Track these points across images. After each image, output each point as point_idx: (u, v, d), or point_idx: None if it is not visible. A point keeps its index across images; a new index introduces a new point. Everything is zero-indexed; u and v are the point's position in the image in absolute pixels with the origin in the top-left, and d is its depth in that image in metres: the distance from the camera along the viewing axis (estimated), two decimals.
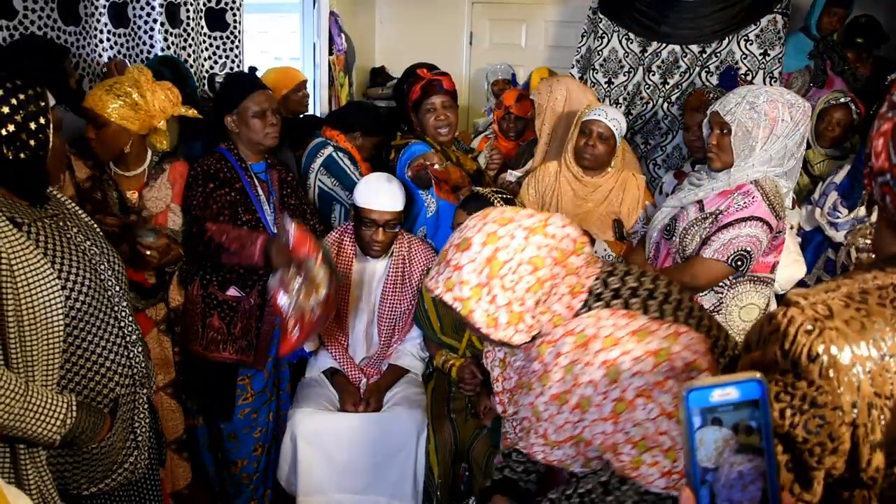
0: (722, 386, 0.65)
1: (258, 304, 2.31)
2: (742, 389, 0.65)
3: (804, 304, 0.77)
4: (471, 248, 1.23)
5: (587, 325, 1.18)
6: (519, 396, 1.30)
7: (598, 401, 1.15)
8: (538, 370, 1.23)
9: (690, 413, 0.64)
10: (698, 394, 0.64)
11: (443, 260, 1.28)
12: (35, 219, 1.46)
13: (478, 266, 1.22)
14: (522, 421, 1.29)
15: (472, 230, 1.26)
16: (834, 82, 3.88)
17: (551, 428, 1.22)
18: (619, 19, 3.89)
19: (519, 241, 1.23)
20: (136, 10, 2.79)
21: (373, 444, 2.33)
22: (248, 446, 2.45)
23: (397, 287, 2.51)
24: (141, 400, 1.65)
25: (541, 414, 1.23)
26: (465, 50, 5.62)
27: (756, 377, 0.65)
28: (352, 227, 2.52)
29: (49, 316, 1.40)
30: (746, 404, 0.65)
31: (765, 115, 1.92)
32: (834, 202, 2.89)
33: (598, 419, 1.16)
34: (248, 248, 2.12)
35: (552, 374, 1.19)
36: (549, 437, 1.23)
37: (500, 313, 1.21)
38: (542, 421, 1.23)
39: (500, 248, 1.22)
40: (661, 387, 1.10)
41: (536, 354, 1.24)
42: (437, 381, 2.52)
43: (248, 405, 2.41)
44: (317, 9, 4.24)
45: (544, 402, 1.21)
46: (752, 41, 3.73)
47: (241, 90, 2.30)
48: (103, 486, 1.58)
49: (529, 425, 1.27)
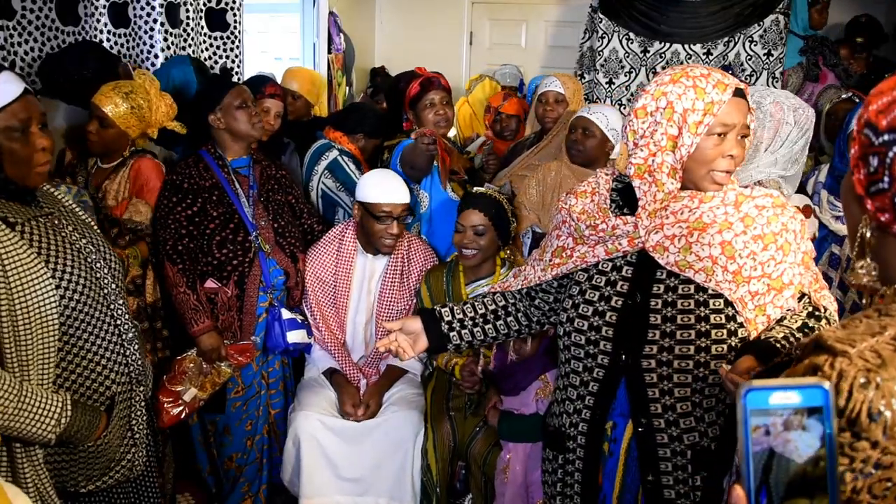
0: (783, 389, 0.62)
1: (236, 295, 2.35)
2: (805, 395, 0.61)
3: (852, 353, 0.69)
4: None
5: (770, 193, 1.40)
6: (694, 238, 1.37)
7: (794, 248, 1.37)
8: (733, 214, 1.36)
9: (747, 413, 0.62)
10: (757, 394, 0.62)
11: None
12: (29, 218, 1.45)
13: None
14: (702, 261, 1.37)
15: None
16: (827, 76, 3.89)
17: (750, 263, 1.34)
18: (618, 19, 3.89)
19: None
20: (136, 10, 2.78)
21: (371, 445, 2.33)
22: (241, 439, 2.46)
23: (396, 286, 2.51)
24: (138, 398, 1.65)
25: (738, 251, 1.34)
26: (465, 50, 5.62)
27: (822, 384, 0.62)
28: (353, 225, 2.51)
29: (43, 315, 1.40)
30: (807, 411, 0.61)
31: (770, 117, 1.95)
32: (827, 199, 2.91)
33: (794, 262, 1.37)
34: (188, 317, 2.27)
35: (756, 219, 1.36)
36: (741, 273, 1.34)
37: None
38: (737, 258, 1.34)
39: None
40: None
41: (731, 201, 1.38)
42: (437, 379, 2.52)
43: (239, 398, 2.42)
44: (316, 8, 4.24)
45: (744, 240, 1.34)
46: (755, 42, 3.74)
47: (221, 88, 2.40)
48: (101, 484, 1.58)
49: (711, 264, 1.35)
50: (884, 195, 0.74)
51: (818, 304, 1.41)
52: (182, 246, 2.31)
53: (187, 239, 2.32)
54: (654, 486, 1.42)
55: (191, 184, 2.35)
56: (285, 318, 2.41)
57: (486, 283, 2.42)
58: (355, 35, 4.84)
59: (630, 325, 1.39)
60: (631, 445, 1.45)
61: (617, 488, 1.49)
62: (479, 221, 2.30)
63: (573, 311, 1.47)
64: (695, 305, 1.36)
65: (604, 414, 1.45)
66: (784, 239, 1.35)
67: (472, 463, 2.34)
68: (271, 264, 2.42)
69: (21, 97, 1.41)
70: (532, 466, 2.21)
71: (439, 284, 2.47)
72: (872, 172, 0.74)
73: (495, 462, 2.27)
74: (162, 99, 2.37)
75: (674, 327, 1.36)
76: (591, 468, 1.49)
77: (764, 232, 1.35)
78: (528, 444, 2.21)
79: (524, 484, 2.20)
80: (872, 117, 0.74)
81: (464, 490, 2.43)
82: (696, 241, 1.35)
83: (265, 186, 2.48)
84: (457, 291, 2.43)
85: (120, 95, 2.24)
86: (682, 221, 1.36)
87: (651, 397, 1.39)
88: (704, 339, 1.35)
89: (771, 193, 1.40)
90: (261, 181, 2.47)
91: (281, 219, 2.47)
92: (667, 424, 1.40)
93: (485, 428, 2.35)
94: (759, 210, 1.37)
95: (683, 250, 1.35)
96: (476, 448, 2.33)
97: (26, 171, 1.44)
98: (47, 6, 2.45)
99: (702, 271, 1.35)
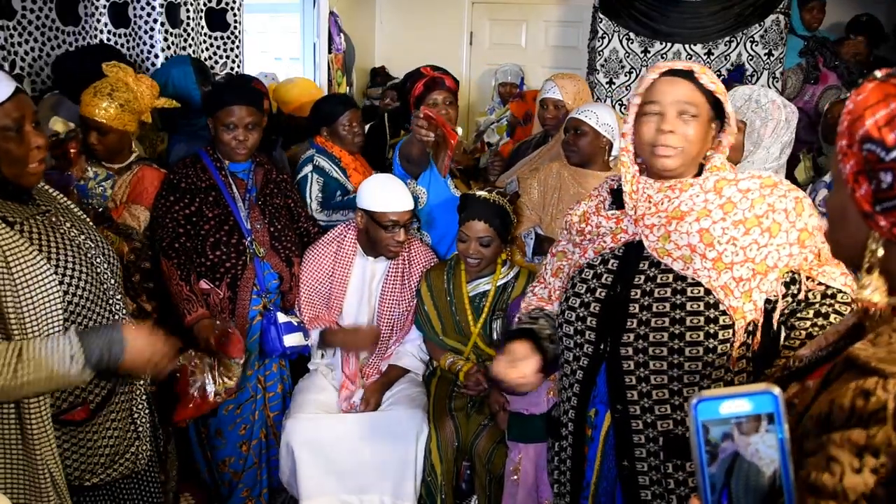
0: (733, 397, 0.62)
1: (228, 297, 2.35)
2: (756, 402, 0.62)
3: None
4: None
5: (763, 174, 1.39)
6: (673, 227, 1.38)
7: (786, 227, 1.35)
8: (713, 200, 1.36)
9: (699, 424, 0.62)
10: (707, 405, 0.62)
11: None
12: (27, 216, 1.45)
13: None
14: (681, 249, 1.38)
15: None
16: (828, 77, 3.89)
17: (731, 249, 1.34)
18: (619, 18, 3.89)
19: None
20: (136, 10, 2.78)
21: (372, 443, 2.33)
22: (234, 443, 2.44)
23: (397, 287, 2.50)
24: (139, 391, 1.65)
25: (717, 238, 1.34)
26: (465, 50, 5.62)
27: (772, 390, 0.62)
28: (353, 228, 2.51)
29: (49, 311, 1.40)
30: (759, 418, 0.62)
31: (769, 114, 1.99)
32: (824, 197, 2.93)
33: (784, 243, 1.35)
34: (182, 308, 2.25)
35: (738, 203, 1.35)
36: (722, 259, 1.34)
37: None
38: (716, 245, 1.34)
39: None
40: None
41: (710, 188, 1.38)
42: (439, 379, 2.52)
43: (231, 401, 2.40)
44: (316, 9, 4.24)
45: (723, 227, 1.34)
46: (756, 42, 3.74)
47: (216, 103, 2.36)
48: (105, 477, 1.58)
49: (690, 252, 1.36)
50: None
51: (813, 289, 1.40)
52: (178, 244, 2.31)
53: (184, 238, 2.32)
54: (629, 472, 1.45)
55: (188, 184, 2.35)
56: (281, 322, 2.39)
57: (486, 281, 2.42)
58: (355, 35, 4.84)
59: (612, 316, 1.43)
60: (609, 433, 1.48)
61: (595, 474, 1.52)
62: (484, 233, 2.30)
63: (564, 304, 1.53)
64: (671, 293, 1.37)
65: (586, 401, 1.49)
66: (772, 220, 1.34)
67: (476, 461, 2.34)
68: (265, 268, 2.41)
69: (13, 96, 1.40)
70: (542, 466, 2.20)
71: (440, 283, 2.47)
72: (884, 189, 0.73)
73: (500, 460, 2.27)
74: (141, 82, 2.32)
75: (650, 315, 1.38)
76: (578, 455, 1.53)
77: (746, 216, 1.34)
78: (538, 444, 2.20)
79: (535, 484, 2.20)
80: (874, 133, 0.73)
81: (469, 491, 2.42)
82: (675, 229, 1.37)
83: (264, 190, 2.48)
84: (457, 290, 2.43)
85: (104, 98, 2.20)
86: (661, 211, 1.40)
87: (628, 384, 1.42)
88: (679, 326, 1.36)
89: (759, 175, 1.39)
90: (261, 185, 2.47)
91: (277, 222, 2.47)
92: (642, 411, 1.42)
93: (489, 426, 2.35)
94: (742, 194, 1.36)
95: (662, 239, 1.38)
96: (480, 445, 2.33)
97: (21, 171, 1.43)
98: (47, 6, 2.45)
99: (680, 259, 1.37)
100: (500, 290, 2.42)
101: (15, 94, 1.40)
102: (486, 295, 2.41)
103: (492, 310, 2.41)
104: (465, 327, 2.43)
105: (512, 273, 2.44)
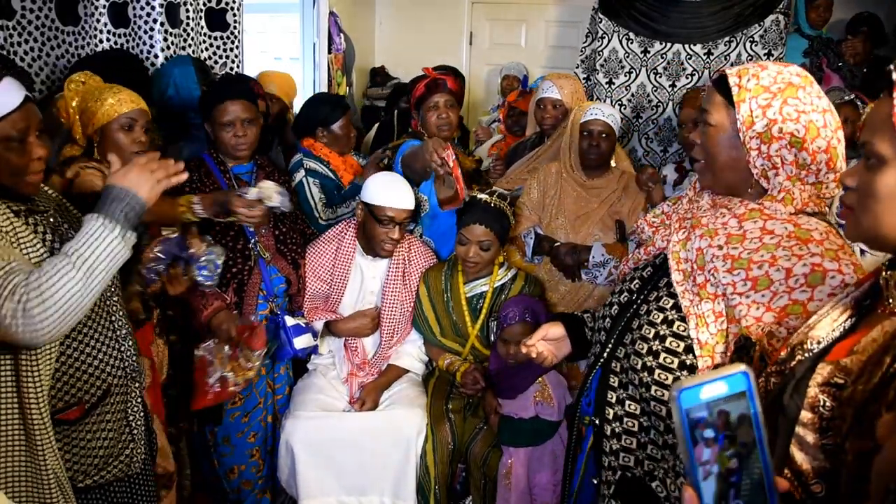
0: (710, 382, 0.65)
1: (235, 302, 2.31)
2: (730, 383, 0.65)
3: None
4: (780, 68, 1.26)
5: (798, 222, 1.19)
6: (693, 235, 1.30)
7: (776, 288, 1.13)
8: (729, 225, 1.24)
9: (684, 413, 0.65)
10: (689, 392, 0.65)
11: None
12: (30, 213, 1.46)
13: (778, 79, 1.23)
14: (688, 261, 1.30)
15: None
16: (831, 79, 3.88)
17: (712, 279, 1.23)
18: (618, 18, 3.89)
19: (819, 103, 1.24)
20: (136, 10, 2.78)
21: (372, 443, 2.32)
22: (243, 451, 2.43)
23: (398, 287, 2.50)
24: (134, 393, 1.65)
25: (707, 263, 1.24)
26: (465, 50, 5.61)
27: (742, 369, 0.65)
28: (353, 226, 2.50)
29: None
30: (737, 396, 0.65)
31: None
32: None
33: (761, 303, 1.15)
34: (197, 304, 2.21)
35: (746, 241, 1.20)
36: (706, 287, 1.23)
37: (757, 121, 1.21)
38: (704, 271, 1.24)
39: (801, 87, 1.24)
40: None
41: (740, 213, 1.24)
42: (437, 380, 2.51)
43: (237, 409, 2.38)
44: (316, 9, 4.23)
45: (714, 254, 1.22)
46: (756, 42, 3.73)
47: (211, 102, 2.32)
48: (98, 479, 1.58)
49: (690, 269, 1.27)
50: None
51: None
52: None
53: None
54: (597, 490, 1.44)
55: (192, 189, 2.32)
56: (290, 325, 2.38)
57: (484, 283, 2.42)
58: (355, 35, 4.84)
59: (623, 325, 1.40)
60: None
61: (579, 483, 1.52)
62: (484, 237, 2.30)
63: (609, 297, 1.51)
64: (660, 322, 1.29)
65: (578, 402, 1.49)
66: (764, 272, 1.14)
67: (471, 464, 2.34)
68: (272, 272, 2.39)
69: (22, 105, 1.38)
70: (535, 469, 2.20)
71: (438, 283, 2.47)
72: None
73: (495, 463, 2.27)
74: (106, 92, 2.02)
75: (637, 336, 1.32)
76: (572, 454, 1.55)
77: (741, 256, 1.18)
78: (529, 448, 2.21)
79: (527, 488, 2.20)
80: None
81: (463, 492, 2.42)
82: (690, 238, 1.33)
83: None
84: (455, 291, 2.43)
85: (72, 110, 2.01)
86: (686, 219, 1.37)
87: (608, 400, 1.38)
88: (658, 343, 1.28)
89: (802, 224, 1.18)
90: None
91: (283, 225, 2.44)
92: (611, 434, 1.37)
93: (484, 429, 2.35)
94: (762, 233, 1.19)
95: (681, 244, 1.33)
96: (476, 448, 2.33)
97: (19, 180, 1.42)
98: (47, 6, 2.45)
99: (682, 272, 1.29)
100: (497, 292, 2.41)
101: (24, 103, 1.39)
102: (484, 296, 2.41)
103: (489, 311, 2.41)
104: (462, 329, 2.43)
105: (509, 275, 2.44)
